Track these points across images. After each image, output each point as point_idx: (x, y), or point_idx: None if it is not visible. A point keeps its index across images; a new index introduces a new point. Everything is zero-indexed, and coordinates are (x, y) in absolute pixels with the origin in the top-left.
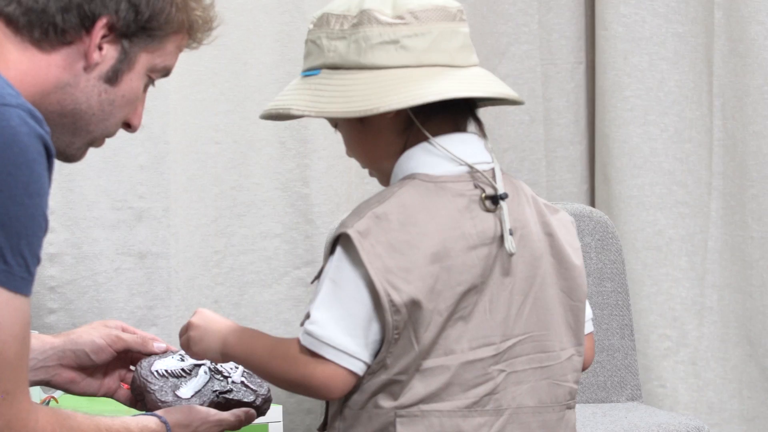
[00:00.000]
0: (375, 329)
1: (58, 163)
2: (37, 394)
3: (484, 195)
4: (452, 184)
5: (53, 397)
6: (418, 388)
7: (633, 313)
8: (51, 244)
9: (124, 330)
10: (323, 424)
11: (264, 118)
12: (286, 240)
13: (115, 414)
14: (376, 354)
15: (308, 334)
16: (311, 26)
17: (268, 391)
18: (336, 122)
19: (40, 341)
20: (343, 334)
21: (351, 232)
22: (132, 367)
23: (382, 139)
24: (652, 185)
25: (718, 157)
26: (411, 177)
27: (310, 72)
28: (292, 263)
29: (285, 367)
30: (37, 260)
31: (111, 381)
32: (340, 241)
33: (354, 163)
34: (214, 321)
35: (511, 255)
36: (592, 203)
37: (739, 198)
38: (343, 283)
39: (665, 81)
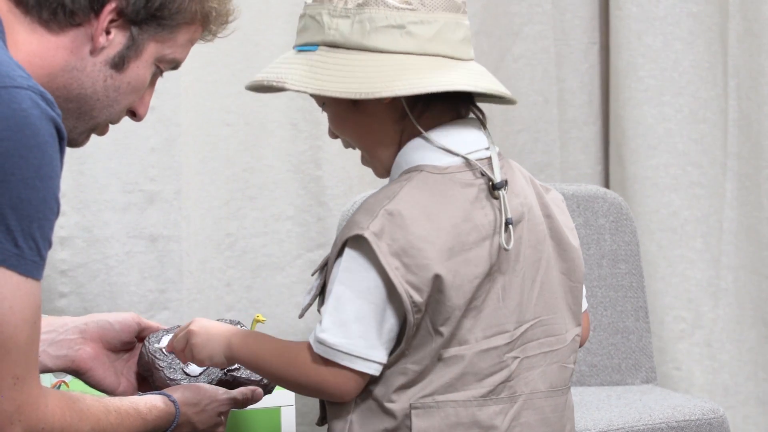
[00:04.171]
0: (389, 326)
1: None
2: (47, 379)
3: (491, 183)
4: (460, 174)
5: (64, 382)
6: (432, 379)
7: (648, 295)
8: (62, 227)
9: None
10: (321, 417)
11: (251, 89)
12: (299, 222)
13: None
14: (393, 348)
15: (321, 342)
16: (309, 0)
17: None
18: (324, 101)
19: (60, 320)
20: (356, 337)
21: (367, 234)
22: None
23: (377, 125)
24: (667, 166)
25: (733, 138)
26: (417, 169)
27: (305, 47)
28: (304, 246)
29: (295, 373)
30: (49, 244)
31: (129, 381)
32: (353, 242)
33: None
34: (214, 326)
35: (506, 250)
36: (607, 184)
37: (755, 178)
38: (355, 285)
39: (680, 61)
